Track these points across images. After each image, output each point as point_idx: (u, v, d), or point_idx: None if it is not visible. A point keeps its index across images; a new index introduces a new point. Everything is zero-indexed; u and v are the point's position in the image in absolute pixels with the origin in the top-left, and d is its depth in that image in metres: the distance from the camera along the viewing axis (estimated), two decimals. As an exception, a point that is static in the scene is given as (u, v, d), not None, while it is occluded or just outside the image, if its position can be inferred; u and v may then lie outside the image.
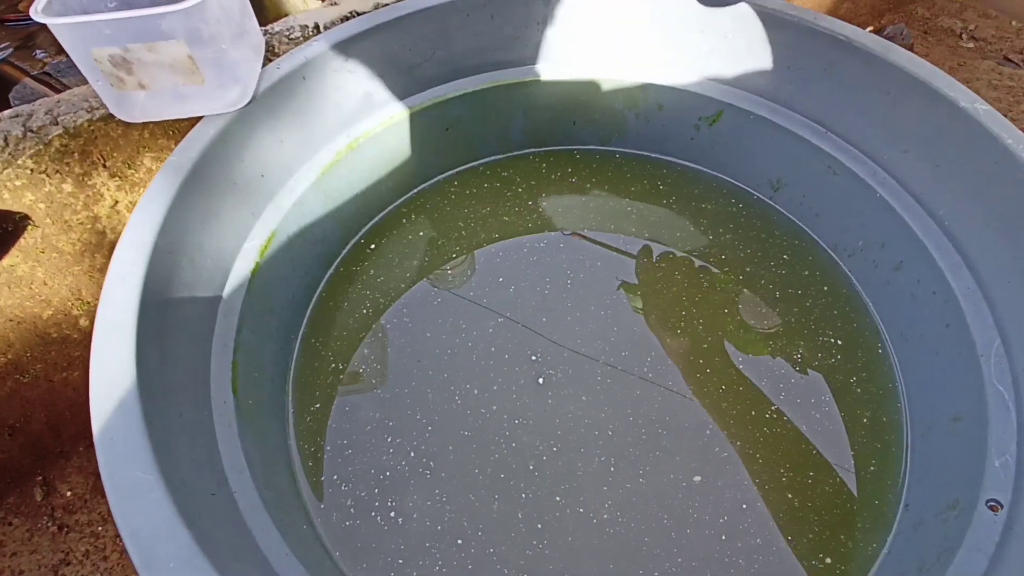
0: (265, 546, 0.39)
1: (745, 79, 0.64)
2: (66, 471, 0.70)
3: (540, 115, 0.71)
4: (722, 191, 0.71)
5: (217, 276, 0.49)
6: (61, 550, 0.66)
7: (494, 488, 0.50)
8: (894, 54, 0.54)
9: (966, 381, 0.47)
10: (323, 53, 0.55)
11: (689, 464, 0.51)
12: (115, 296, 0.38)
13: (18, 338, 0.58)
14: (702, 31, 0.63)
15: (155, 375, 0.38)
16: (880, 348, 0.57)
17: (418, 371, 0.57)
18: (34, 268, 0.55)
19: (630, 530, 0.48)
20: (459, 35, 0.63)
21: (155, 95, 0.47)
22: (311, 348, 0.59)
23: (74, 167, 0.52)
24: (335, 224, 0.63)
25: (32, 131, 0.49)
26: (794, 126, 0.62)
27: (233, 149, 0.49)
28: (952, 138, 0.51)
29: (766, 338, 0.59)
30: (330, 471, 0.51)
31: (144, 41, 0.42)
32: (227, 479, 0.41)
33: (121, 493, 0.31)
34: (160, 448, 0.33)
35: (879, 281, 0.59)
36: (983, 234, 0.49)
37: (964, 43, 1.23)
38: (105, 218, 0.57)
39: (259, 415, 0.49)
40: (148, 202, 0.42)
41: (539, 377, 0.56)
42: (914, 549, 0.43)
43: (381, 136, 0.63)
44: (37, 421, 0.65)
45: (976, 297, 0.49)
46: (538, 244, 0.66)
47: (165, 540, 0.30)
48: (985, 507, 0.39)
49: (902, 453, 0.51)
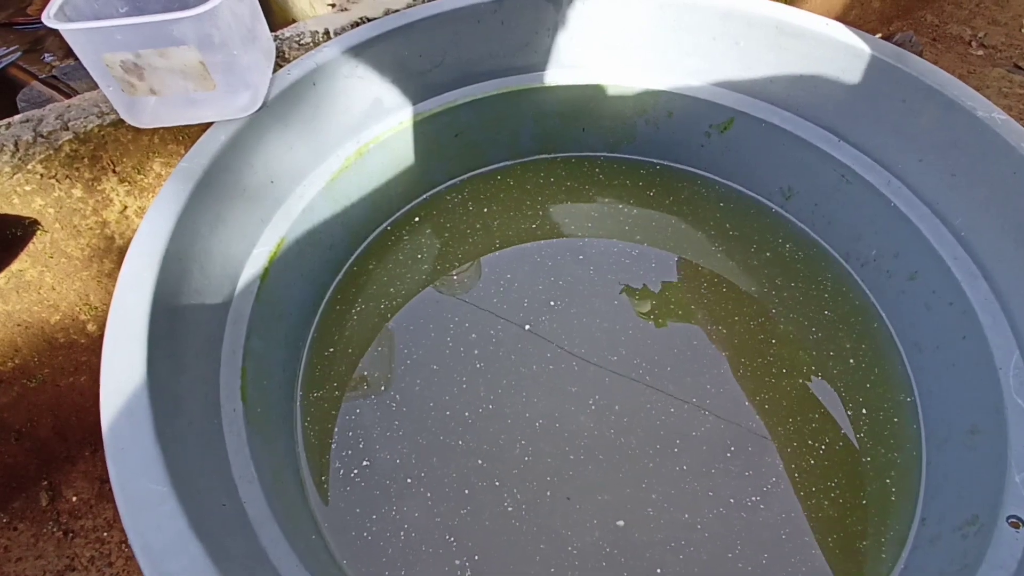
0: (275, 557, 0.38)
1: (757, 86, 0.64)
2: (72, 476, 0.70)
3: (549, 121, 0.71)
4: (732, 199, 0.70)
5: (226, 282, 0.49)
6: (66, 555, 0.65)
7: (503, 498, 0.50)
8: (909, 62, 0.53)
9: (984, 393, 0.46)
10: (333, 59, 0.55)
11: (697, 474, 0.50)
12: (126, 302, 0.38)
13: (25, 343, 0.58)
14: (713, 38, 0.62)
15: (166, 383, 0.37)
16: (894, 359, 0.57)
17: (426, 378, 0.56)
18: (42, 273, 0.55)
19: (639, 537, 0.47)
20: (469, 41, 0.62)
21: (166, 100, 0.47)
22: (319, 354, 0.58)
23: (84, 172, 0.52)
24: (344, 230, 0.63)
25: (42, 136, 0.49)
26: (806, 134, 0.62)
27: (243, 155, 0.49)
28: (968, 147, 0.50)
29: (776, 348, 0.58)
30: (338, 479, 0.51)
31: (156, 47, 0.42)
32: (236, 489, 0.40)
33: (133, 505, 0.31)
34: (171, 458, 0.33)
35: (893, 291, 0.58)
36: (1000, 244, 0.49)
37: (974, 50, 1.22)
38: (114, 223, 0.56)
39: (268, 423, 0.48)
40: (159, 208, 0.42)
41: (548, 384, 0.56)
42: (932, 564, 0.43)
43: (390, 142, 0.63)
44: (43, 426, 0.65)
45: (994, 308, 0.48)
46: (546, 251, 0.66)
47: (178, 553, 0.30)
48: (1006, 523, 0.38)
49: (917, 466, 0.50)
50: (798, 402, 0.54)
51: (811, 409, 0.54)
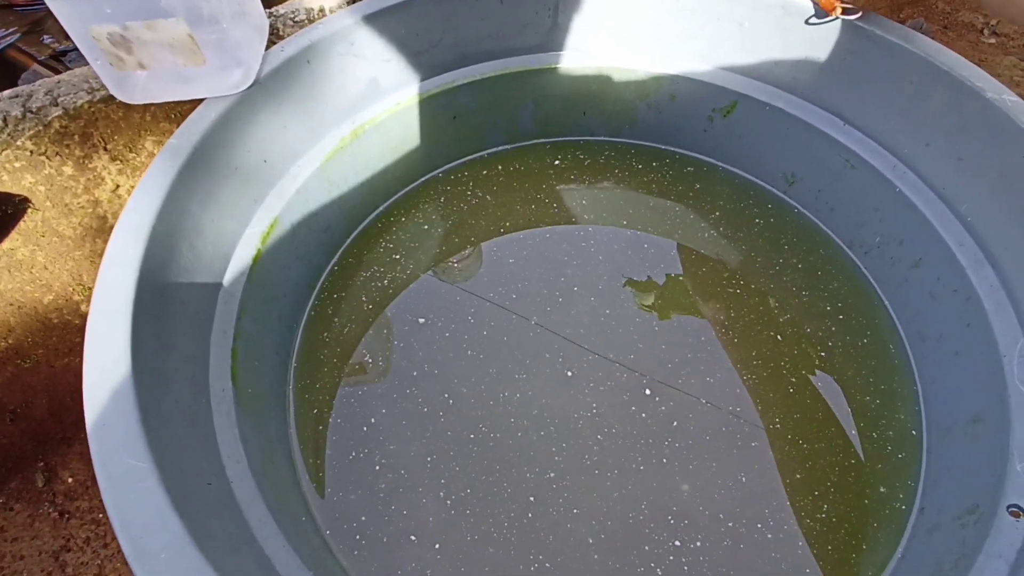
0: (262, 537, 0.38)
1: (761, 69, 0.62)
2: (67, 457, 0.70)
3: (550, 104, 0.70)
4: (735, 184, 0.69)
5: (217, 262, 0.48)
6: (62, 536, 0.65)
7: (496, 482, 0.49)
8: (917, 43, 0.52)
9: (987, 382, 0.45)
10: (328, 36, 0.54)
11: (698, 464, 0.50)
12: (111, 279, 0.37)
13: (19, 323, 0.57)
14: (717, 19, 0.61)
15: (151, 361, 0.37)
16: (896, 347, 0.56)
17: (422, 363, 0.56)
18: (34, 252, 0.54)
19: (637, 528, 0.47)
20: (468, 20, 0.61)
21: (156, 76, 0.46)
22: (314, 338, 0.58)
23: (74, 149, 0.51)
24: (339, 213, 0.62)
25: (31, 112, 0.48)
26: (811, 118, 0.61)
27: (235, 133, 0.48)
28: (977, 131, 0.49)
29: (777, 336, 0.57)
30: (331, 462, 0.51)
31: (143, 19, 0.41)
32: (224, 469, 0.40)
33: (112, 481, 0.30)
34: (154, 436, 0.32)
35: (897, 279, 0.57)
36: (1007, 230, 0.47)
37: (985, 38, 1.20)
38: (106, 202, 0.56)
39: (259, 404, 0.48)
40: (147, 184, 0.42)
41: (545, 371, 0.55)
42: (930, 553, 0.42)
43: (386, 123, 0.62)
44: (39, 407, 0.65)
45: (999, 295, 0.47)
46: (545, 236, 0.65)
47: (157, 530, 0.29)
48: (1006, 512, 0.37)
49: (918, 455, 0.49)
50: (800, 391, 0.53)
51: (812, 398, 0.53)
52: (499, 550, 0.46)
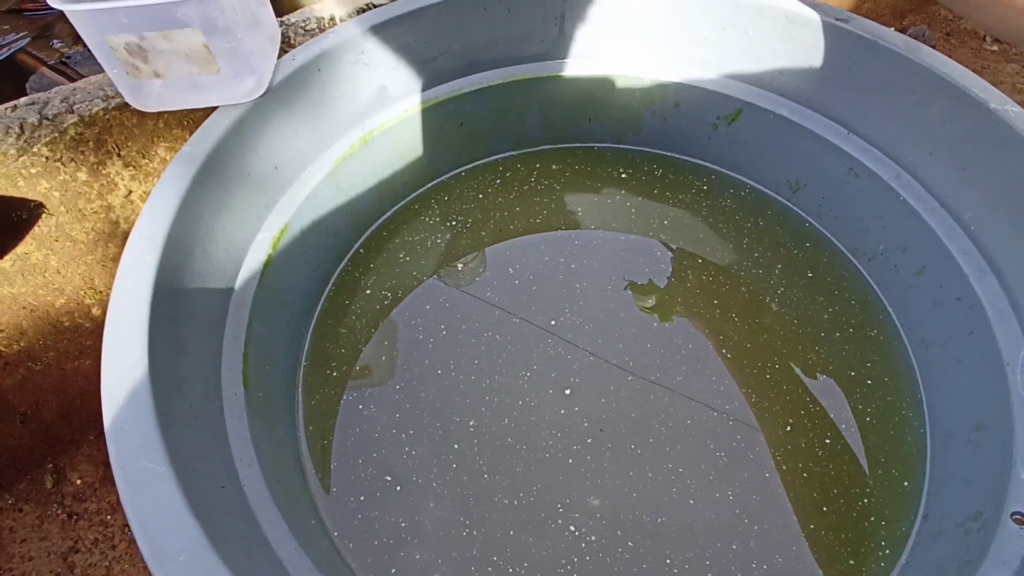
0: (274, 540, 0.38)
1: (765, 77, 0.63)
2: (76, 459, 0.70)
3: (556, 112, 0.70)
4: (739, 192, 0.70)
5: (229, 267, 0.49)
6: (71, 537, 0.66)
7: (502, 486, 0.50)
8: (921, 53, 0.52)
9: (990, 389, 0.46)
10: (339, 45, 0.54)
11: (699, 468, 0.50)
12: (128, 285, 0.38)
13: (31, 326, 0.58)
14: (722, 27, 0.62)
15: (167, 365, 0.37)
16: (899, 354, 0.56)
17: (429, 368, 0.56)
18: (48, 256, 0.55)
19: (638, 530, 0.47)
20: (475, 29, 0.62)
21: (170, 84, 0.47)
22: (322, 342, 0.58)
23: (89, 156, 0.52)
24: (348, 218, 0.63)
25: (48, 119, 0.49)
26: (815, 126, 0.61)
27: (247, 140, 0.49)
28: (980, 140, 0.50)
29: (781, 343, 0.58)
30: (339, 465, 0.51)
31: (160, 29, 0.41)
32: (236, 472, 0.40)
33: (131, 483, 0.31)
34: (171, 439, 0.33)
35: (900, 286, 0.58)
36: (1011, 239, 0.48)
37: (988, 46, 1.21)
38: (119, 208, 0.57)
39: (269, 408, 0.49)
40: (161, 192, 0.42)
41: (549, 375, 0.55)
42: (933, 560, 0.42)
43: (395, 130, 0.63)
44: (48, 409, 0.65)
45: (1002, 303, 0.47)
46: (550, 242, 0.66)
47: (175, 532, 0.30)
48: (1010, 520, 0.38)
49: (921, 462, 0.50)
50: (802, 397, 0.54)
51: (815, 404, 0.54)
52: (503, 553, 0.47)
